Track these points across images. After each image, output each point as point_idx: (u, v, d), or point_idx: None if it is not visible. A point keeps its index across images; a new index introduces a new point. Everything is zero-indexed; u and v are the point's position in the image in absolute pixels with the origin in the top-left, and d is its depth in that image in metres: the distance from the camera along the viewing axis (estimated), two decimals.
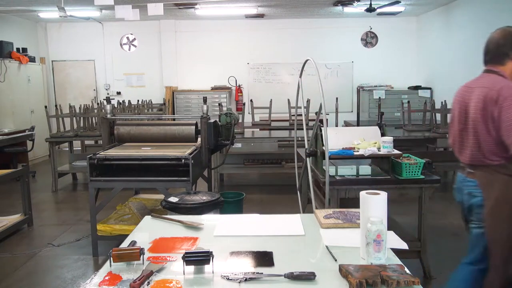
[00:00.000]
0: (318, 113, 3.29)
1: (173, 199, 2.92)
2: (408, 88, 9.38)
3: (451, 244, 4.04)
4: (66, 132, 6.45)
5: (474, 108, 2.26)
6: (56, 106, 7.03)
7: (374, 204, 1.67)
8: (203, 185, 4.74)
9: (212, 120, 4.14)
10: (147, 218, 2.32)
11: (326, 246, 1.82)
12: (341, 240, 1.88)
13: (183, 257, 1.57)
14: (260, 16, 9.34)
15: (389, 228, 1.72)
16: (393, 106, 8.90)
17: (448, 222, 4.68)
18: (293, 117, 6.56)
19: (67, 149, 7.57)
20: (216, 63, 9.95)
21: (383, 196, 1.68)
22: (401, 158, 3.23)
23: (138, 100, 8.07)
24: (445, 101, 6.20)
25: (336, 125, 7.42)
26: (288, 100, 6.93)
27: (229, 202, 4.23)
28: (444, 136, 5.88)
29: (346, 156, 3.25)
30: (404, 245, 1.79)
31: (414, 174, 3.12)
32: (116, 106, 7.04)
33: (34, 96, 8.82)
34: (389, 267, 1.53)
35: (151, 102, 8.65)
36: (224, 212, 2.98)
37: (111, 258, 1.64)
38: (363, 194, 1.71)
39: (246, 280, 1.51)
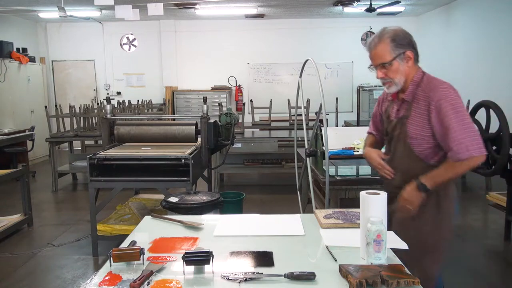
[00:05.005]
0: (318, 113, 3.29)
1: (173, 199, 2.92)
2: None
3: (451, 244, 4.04)
4: (66, 132, 6.45)
5: None
6: (56, 106, 7.03)
7: (374, 204, 1.67)
8: (203, 185, 4.74)
9: (212, 120, 4.14)
10: (147, 218, 2.32)
11: (326, 246, 1.81)
12: (341, 240, 1.88)
13: (183, 257, 1.57)
14: (260, 16, 9.34)
15: (389, 228, 1.72)
16: None
17: None
18: (293, 117, 6.56)
19: (67, 149, 7.57)
20: (216, 63, 9.95)
21: (383, 196, 1.68)
22: None
23: (138, 100, 8.08)
24: None
25: (336, 125, 7.43)
26: (288, 100, 6.93)
27: (229, 202, 4.23)
28: None
29: (346, 156, 3.25)
30: (404, 245, 1.78)
31: None
32: (116, 106, 7.04)
33: (34, 96, 8.82)
34: (389, 267, 1.52)
35: (151, 102, 8.65)
36: (224, 212, 2.98)
37: (111, 258, 1.63)
38: (363, 194, 1.70)
39: (246, 280, 1.51)
